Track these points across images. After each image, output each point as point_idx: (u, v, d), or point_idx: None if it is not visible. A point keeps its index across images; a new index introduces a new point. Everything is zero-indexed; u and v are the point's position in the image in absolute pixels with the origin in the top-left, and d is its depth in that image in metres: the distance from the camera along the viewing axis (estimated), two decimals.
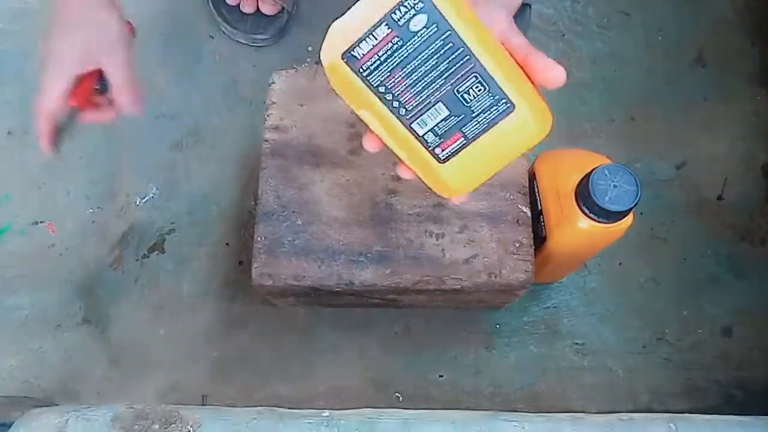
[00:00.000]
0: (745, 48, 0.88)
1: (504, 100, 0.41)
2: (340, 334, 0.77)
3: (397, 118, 0.42)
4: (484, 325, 0.77)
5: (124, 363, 0.77)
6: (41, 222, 0.83)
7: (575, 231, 0.58)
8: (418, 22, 0.38)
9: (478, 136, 0.42)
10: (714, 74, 0.87)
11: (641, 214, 0.80)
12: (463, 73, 0.40)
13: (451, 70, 0.40)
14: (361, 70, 0.40)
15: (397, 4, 0.38)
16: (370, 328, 0.77)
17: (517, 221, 0.63)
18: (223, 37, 0.91)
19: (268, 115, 0.67)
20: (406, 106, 0.41)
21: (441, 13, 0.38)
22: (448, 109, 0.42)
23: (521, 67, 0.42)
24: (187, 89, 0.89)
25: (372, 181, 0.65)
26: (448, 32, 0.39)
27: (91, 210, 0.84)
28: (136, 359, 0.77)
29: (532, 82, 0.42)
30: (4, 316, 0.79)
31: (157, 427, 0.49)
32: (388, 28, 0.39)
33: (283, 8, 0.88)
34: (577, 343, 0.76)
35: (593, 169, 0.54)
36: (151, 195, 0.84)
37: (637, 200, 0.54)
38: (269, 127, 0.67)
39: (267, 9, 0.88)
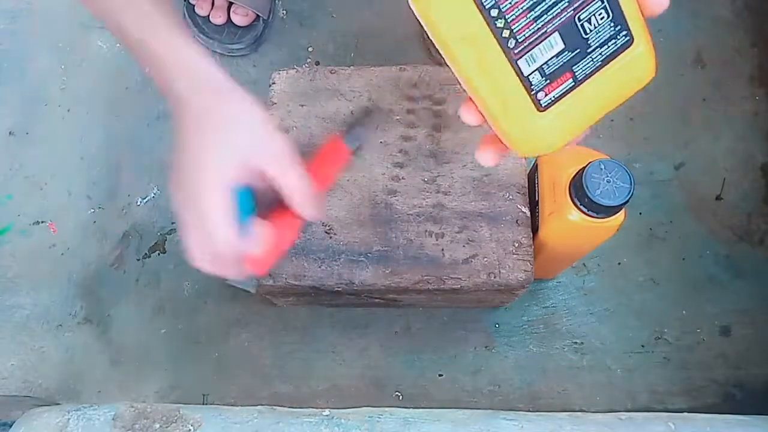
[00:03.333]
0: (744, 48, 0.89)
1: (624, 32, 0.34)
2: (340, 333, 0.77)
3: (504, 52, 0.34)
4: (483, 325, 0.77)
5: (124, 362, 0.77)
6: (42, 222, 0.83)
7: (565, 223, 0.58)
8: None
9: (589, 76, 0.35)
10: (713, 74, 0.87)
11: (640, 214, 0.80)
12: None
13: None
14: None
15: None
16: (370, 327, 0.77)
17: (517, 221, 0.63)
18: None
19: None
20: (517, 37, 0.33)
21: None
22: (564, 42, 0.34)
23: None
24: None
25: (372, 181, 0.65)
26: None
27: (92, 210, 0.84)
28: (137, 358, 0.77)
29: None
30: (6, 316, 0.79)
31: (157, 426, 0.49)
32: None
33: (258, 17, 0.87)
34: (576, 343, 0.76)
35: (589, 163, 0.55)
36: (152, 195, 0.84)
37: (628, 197, 0.54)
38: None
39: (238, 20, 0.86)
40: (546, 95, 0.35)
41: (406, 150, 0.66)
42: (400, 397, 0.74)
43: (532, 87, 0.35)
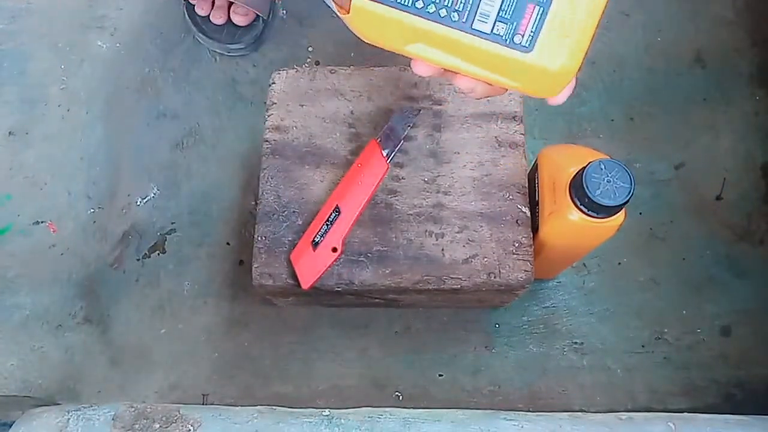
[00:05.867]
0: (744, 48, 0.89)
1: None
2: (340, 333, 0.77)
3: (454, 28, 0.33)
4: (483, 325, 0.77)
5: (124, 362, 0.77)
6: (42, 222, 0.83)
7: (565, 223, 0.58)
8: None
9: None
10: (713, 74, 0.87)
11: (640, 214, 0.80)
12: None
13: None
14: None
15: None
16: (370, 327, 0.77)
17: (517, 221, 0.63)
18: None
19: (268, 116, 0.67)
20: (456, 7, 0.32)
21: None
22: None
23: None
24: (187, 89, 0.89)
25: None
26: None
27: (91, 210, 0.84)
28: (137, 358, 0.77)
29: None
30: (5, 316, 0.79)
31: (157, 426, 0.49)
32: None
33: (258, 17, 0.87)
34: (576, 343, 0.76)
35: (589, 162, 0.55)
36: (152, 195, 0.84)
37: (628, 197, 0.54)
38: (269, 127, 0.67)
39: (238, 20, 0.86)
40: (522, 36, 0.33)
41: (406, 150, 0.66)
42: (400, 397, 0.74)
43: (504, 37, 0.33)
